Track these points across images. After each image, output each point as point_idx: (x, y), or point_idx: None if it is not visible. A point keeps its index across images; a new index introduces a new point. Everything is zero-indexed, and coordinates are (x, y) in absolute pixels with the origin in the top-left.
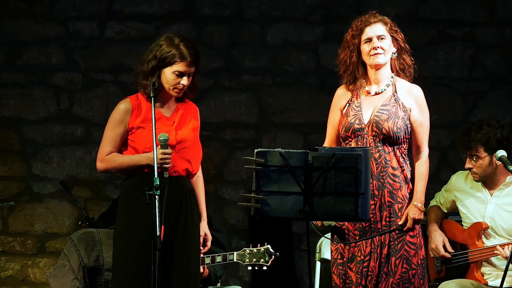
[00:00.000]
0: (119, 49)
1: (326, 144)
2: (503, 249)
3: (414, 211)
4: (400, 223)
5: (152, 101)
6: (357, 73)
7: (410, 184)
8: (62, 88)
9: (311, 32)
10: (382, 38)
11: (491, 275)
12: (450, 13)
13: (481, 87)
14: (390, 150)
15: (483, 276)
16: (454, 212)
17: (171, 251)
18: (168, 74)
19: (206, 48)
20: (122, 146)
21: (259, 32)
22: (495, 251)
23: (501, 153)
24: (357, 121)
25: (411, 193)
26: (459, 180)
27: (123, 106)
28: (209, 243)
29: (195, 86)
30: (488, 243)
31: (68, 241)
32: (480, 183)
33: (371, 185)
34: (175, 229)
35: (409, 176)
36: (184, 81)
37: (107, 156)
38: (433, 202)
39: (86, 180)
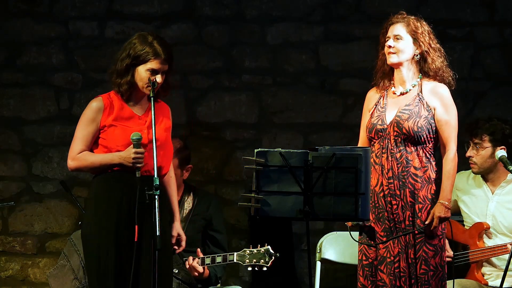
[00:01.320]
0: (119, 49)
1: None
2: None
3: (440, 209)
4: (427, 222)
5: (152, 101)
6: (386, 72)
7: (434, 185)
8: (62, 88)
9: (311, 32)
10: (398, 38)
11: (491, 275)
12: (450, 13)
13: (481, 87)
14: (413, 150)
15: (483, 276)
16: (455, 212)
17: (141, 251)
18: (141, 72)
19: (206, 48)
20: (93, 144)
21: (259, 32)
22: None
23: (501, 153)
24: (379, 122)
25: (434, 194)
26: (461, 180)
27: (95, 104)
28: (183, 243)
29: (168, 85)
30: (489, 242)
31: (68, 241)
32: (482, 181)
33: (392, 185)
34: (145, 229)
35: (432, 176)
36: (158, 78)
37: (79, 155)
38: None
39: (86, 180)
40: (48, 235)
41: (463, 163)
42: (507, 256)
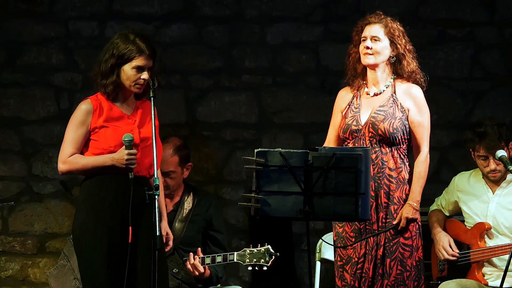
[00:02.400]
0: None
1: (326, 145)
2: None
3: (408, 210)
4: (394, 222)
5: (152, 101)
6: (358, 70)
7: (407, 186)
8: (62, 88)
9: (311, 32)
10: (375, 40)
11: (492, 275)
12: (450, 13)
13: (481, 87)
14: (388, 151)
15: (484, 276)
16: (456, 213)
17: (135, 252)
18: (128, 71)
19: (206, 48)
20: (84, 146)
21: (259, 32)
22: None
23: (501, 153)
24: (354, 123)
25: (408, 195)
26: (461, 181)
27: (84, 107)
28: (171, 242)
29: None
30: (490, 243)
31: (68, 241)
32: (482, 181)
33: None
34: (140, 229)
35: (406, 177)
36: (145, 75)
37: (70, 158)
38: (433, 206)
39: None
40: (48, 235)
41: (463, 164)
42: (507, 256)
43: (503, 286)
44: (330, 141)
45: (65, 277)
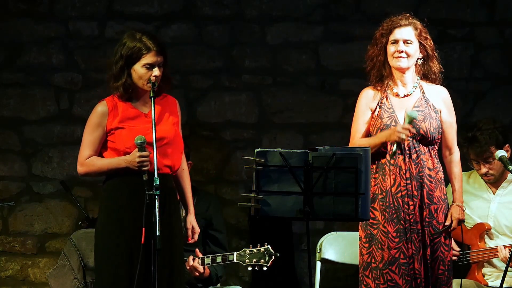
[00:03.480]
0: None
1: (357, 139)
2: (505, 249)
3: (457, 211)
4: (447, 223)
5: (152, 101)
6: (384, 71)
7: (444, 185)
8: (62, 88)
9: (311, 32)
10: (408, 43)
11: (491, 275)
12: (450, 13)
13: (481, 87)
14: (426, 150)
15: (483, 277)
16: None
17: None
18: (139, 70)
19: (206, 48)
20: (102, 148)
21: (259, 32)
22: (497, 252)
23: (501, 153)
24: (393, 123)
25: (446, 194)
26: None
27: (100, 109)
28: (196, 236)
29: (168, 78)
30: (491, 243)
31: (68, 241)
32: (482, 182)
33: (410, 185)
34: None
35: (442, 177)
36: (156, 72)
37: (87, 160)
38: None
39: (86, 180)
40: (48, 235)
41: (463, 163)
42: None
43: (503, 287)
44: (362, 136)
45: (65, 277)
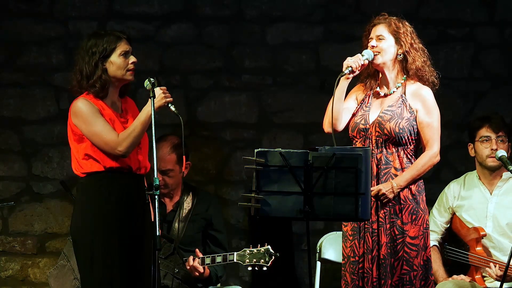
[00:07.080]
0: None
1: None
2: (495, 266)
3: (386, 186)
4: (373, 193)
5: (152, 101)
6: (369, 71)
7: (414, 185)
8: (62, 88)
9: (311, 32)
10: (380, 39)
11: (490, 277)
12: (450, 13)
13: (481, 87)
14: (394, 151)
15: (482, 278)
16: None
17: (141, 250)
18: (116, 60)
19: (206, 48)
20: (86, 151)
21: (259, 32)
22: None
23: (501, 153)
24: (362, 122)
25: (415, 194)
26: (455, 188)
27: (85, 101)
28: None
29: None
30: (490, 246)
31: (68, 241)
32: (478, 183)
33: (371, 185)
34: (143, 228)
35: None
36: (133, 59)
37: (119, 138)
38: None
39: None
40: (48, 235)
41: (463, 164)
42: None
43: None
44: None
45: (65, 277)
